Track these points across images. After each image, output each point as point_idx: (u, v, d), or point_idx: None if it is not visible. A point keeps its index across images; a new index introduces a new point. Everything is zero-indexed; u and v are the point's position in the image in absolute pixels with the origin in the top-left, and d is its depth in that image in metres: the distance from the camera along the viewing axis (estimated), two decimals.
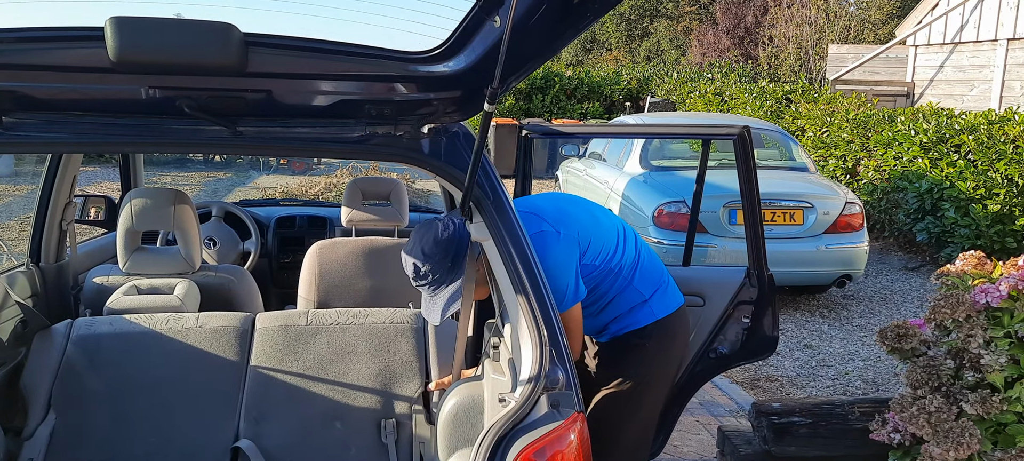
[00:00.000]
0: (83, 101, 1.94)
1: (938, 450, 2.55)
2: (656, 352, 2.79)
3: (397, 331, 2.75)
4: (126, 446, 2.52)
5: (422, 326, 2.78)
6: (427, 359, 2.72)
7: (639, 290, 2.77)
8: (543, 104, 18.56)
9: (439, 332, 2.75)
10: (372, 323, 2.77)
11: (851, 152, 9.99)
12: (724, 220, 6.57)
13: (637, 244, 2.84)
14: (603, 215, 2.82)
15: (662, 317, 2.79)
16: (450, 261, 2.29)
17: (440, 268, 2.30)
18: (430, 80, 1.90)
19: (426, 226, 2.36)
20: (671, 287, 2.88)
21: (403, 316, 2.80)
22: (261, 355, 2.68)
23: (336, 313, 2.80)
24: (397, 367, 2.70)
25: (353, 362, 2.70)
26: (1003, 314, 2.64)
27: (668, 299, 2.84)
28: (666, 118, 10.40)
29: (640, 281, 2.78)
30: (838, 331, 6.57)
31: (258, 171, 15.65)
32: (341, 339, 2.73)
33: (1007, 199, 7.53)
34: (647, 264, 2.83)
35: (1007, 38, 11.85)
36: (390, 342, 2.73)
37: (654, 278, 2.82)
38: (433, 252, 2.29)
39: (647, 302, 2.78)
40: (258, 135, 1.98)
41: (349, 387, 2.68)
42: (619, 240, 2.77)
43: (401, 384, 2.68)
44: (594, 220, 2.73)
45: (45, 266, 3.31)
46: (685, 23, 33.69)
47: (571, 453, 1.73)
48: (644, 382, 2.79)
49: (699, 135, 4.17)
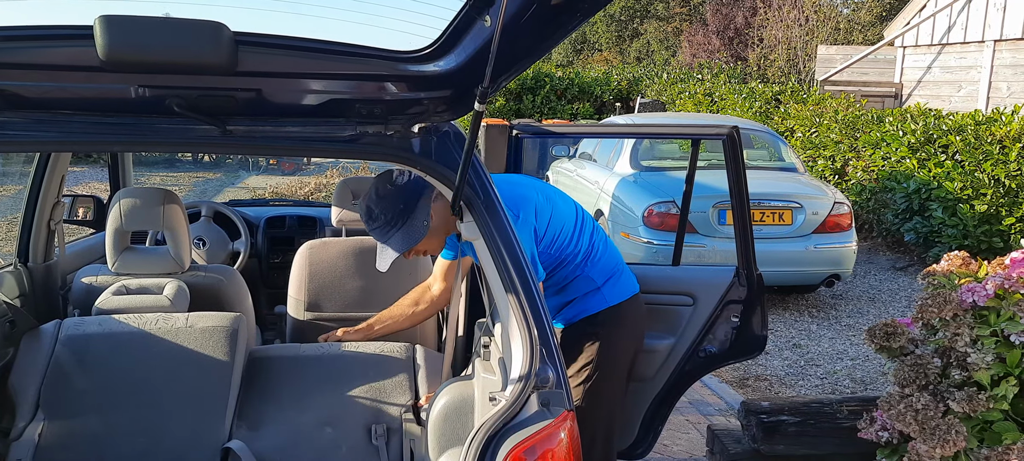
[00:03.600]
0: (72, 100, 1.93)
1: (925, 447, 2.56)
2: (608, 340, 2.83)
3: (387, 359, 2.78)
4: (115, 447, 2.51)
5: (412, 356, 2.82)
6: (417, 380, 2.75)
7: (591, 277, 2.81)
8: (533, 104, 18.56)
9: (427, 363, 2.79)
10: (362, 351, 2.81)
11: (840, 153, 10.04)
12: (713, 220, 6.59)
13: (593, 233, 2.88)
14: (561, 200, 2.84)
15: (614, 304, 2.83)
16: (402, 205, 2.38)
17: (391, 210, 2.39)
18: (420, 79, 1.90)
19: (383, 173, 2.45)
20: (625, 276, 2.92)
21: (392, 347, 2.83)
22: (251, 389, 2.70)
23: (326, 346, 2.86)
24: (388, 386, 2.72)
25: (344, 376, 2.74)
26: (989, 313, 2.66)
27: (621, 287, 2.88)
28: (656, 118, 10.43)
29: (593, 269, 2.82)
30: (827, 330, 6.60)
31: (247, 171, 15.60)
32: (333, 362, 2.77)
33: (994, 199, 7.59)
34: (601, 253, 2.87)
35: (994, 39, 11.93)
36: (380, 363, 2.77)
37: (608, 267, 2.86)
38: (386, 195, 2.39)
39: (599, 289, 2.82)
40: (248, 134, 1.98)
41: (340, 395, 2.70)
42: (575, 227, 2.81)
43: (392, 394, 2.70)
44: (550, 204, 2.76)
45: (33, 266, 3.29)
46: (675, 24, 33.75)
47: (561, 451, 1.73)
48: (599, 370, 2.83)
49: (689, 135, 4.19)
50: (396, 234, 2.43)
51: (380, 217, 2.42)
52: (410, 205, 2.41)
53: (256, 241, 4.63)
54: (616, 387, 2.93)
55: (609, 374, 2.86)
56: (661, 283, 3.34)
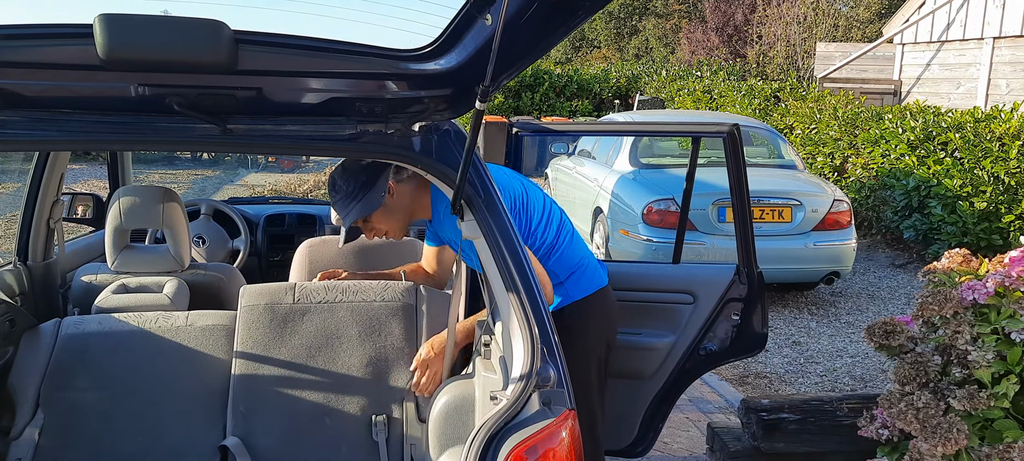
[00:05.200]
0: (71, 99, 1.92)
1: (926, 446, 2.56)
2: (574, 336, 2.78)
3: (388, 310, 2.72)
4: (115, 445, 2.51)
5: (413, 302, 2.77)
6: (418, 340, 2.70)
7: (554, 272, 2.79)
8: (532, 102, 18.56)
9: (430, 309, 2.74)
10: (362, 301, 2.74)
11: (839, 150, 10.04)
12: (713, 218, 6.59)
13: (560, 227, 2.86)
14: (533, 191, 2.85)
15: (577, 299, 2.82)
16: (364, 177, 2.50)
17: (353, 182, 2.51)
18: (421, 78, 1.90)
19: None
20: (589, 271, 2.89)
21: (394, 293, 2.76)
22: (247, 339, 2.64)
23: (324, 289, 2.77)
24: (389, 353, 2.67)
25: (342, 348, 2.67)
26: (990, 310, 2.65)
27: (585, 282, 2.86)
28: (655, 116, 10.43)
29: (556, 264, 2.81)
30: (826, 328, 6.60)
31: (247, 169, 15.59)
32: (330, 320, 2.70)
33: (993, 196, 7.59)
34: (566, 249, 2.85)
35: (993, 36, 11.93)
36: (381, 324, 2.70)
37: (571, 263, 2.85)
38: (351, 168, 2.53)
39: (561, 284, 2.81)
40: (248, 133, 1.97)
41: (338, 378, 2.65)
42: (542, 219, 2.80)
43: (392, 374, 2.66)
44: (525, 194, 2.77)
45: (33, 265, 3.29)
46: (674, 21, 33.73)
47: (563, 450, 1.73)
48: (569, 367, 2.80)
49: (688, 133, 4.19)
50: (355, 205, 2.53)
51: (342, 188, 2.53)
52: (371, 178, 2.52)
53: (256, 239, 4.63)
54: (590, 382, 2.90)
55: (581, 369, 2.81)
56: (661, 281, 3.34)
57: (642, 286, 3.11)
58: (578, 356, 2.84)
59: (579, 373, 2.86)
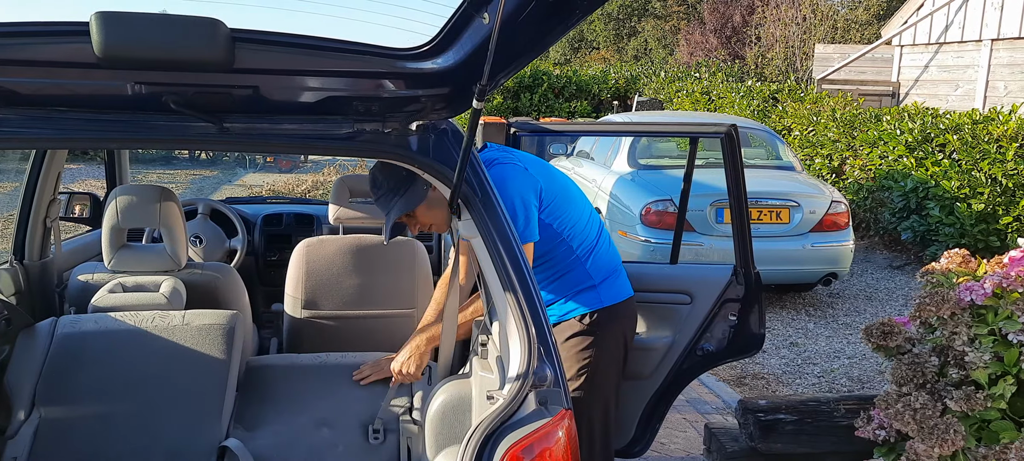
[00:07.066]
0: (68, 97, 1.92)
1: (923, 446, 2.56)
2: (602, 339, 2.84)
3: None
4: (111, 445, 2.50)
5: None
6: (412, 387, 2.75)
7: (590, 273, 2.82)
8: (531, 102, 18.55)
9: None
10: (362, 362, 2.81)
11: (837, 151, 10.04)
12: (711, 218, 6.59)
13: (599, 232, 2.90)
14: (576, 193, 2.89)
15: (609, 305, 2.84)
16: (405, 172, 2.45)
17: (394, 177, 2.47)
18: (419, 77, 1.89)
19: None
20: (621, 279, 2.94)
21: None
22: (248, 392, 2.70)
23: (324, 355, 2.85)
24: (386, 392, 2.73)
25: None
26: (987, 311, 2.65)
27: (616, 289, 2.89)
28: (654, 117, 10.43)
29: (593, 266, 2.84)
30: (824, 329, 6.60)
31: (244, 168, 15.59)
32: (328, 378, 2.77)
33: (991, 198, 7.60)
34: (603, 253, 2.89)
35: (991, 38, 11.94)
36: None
37: (607, 268, 2.88)
38: (392, 166, 2.47)
39: (595, 288, 2.84)
40: (245, 132, 1.97)
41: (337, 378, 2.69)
42: (586, 218, 2.84)
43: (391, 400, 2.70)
44: (565, 190, 2.80)
45: (29, 264, 3.28)
46: (673, 22, 33.75)
47: (559, 450, 1.73)
48: (594, 369, 2.84)
49: (687, 134, 4.19)
50: (399, 200, 2.50)
51: (384, 185, 2.50)
52: (413, 173, 2.45)
53: (253, 239, 4.62)
54: (611, 385, 2.93)
55: (604, 372, 2.87)
56: (659, 281, 3.34)
57: (640, 286, 3.10)
58: (604, 360, 2.86)
59: (604, 378, 2.88)
